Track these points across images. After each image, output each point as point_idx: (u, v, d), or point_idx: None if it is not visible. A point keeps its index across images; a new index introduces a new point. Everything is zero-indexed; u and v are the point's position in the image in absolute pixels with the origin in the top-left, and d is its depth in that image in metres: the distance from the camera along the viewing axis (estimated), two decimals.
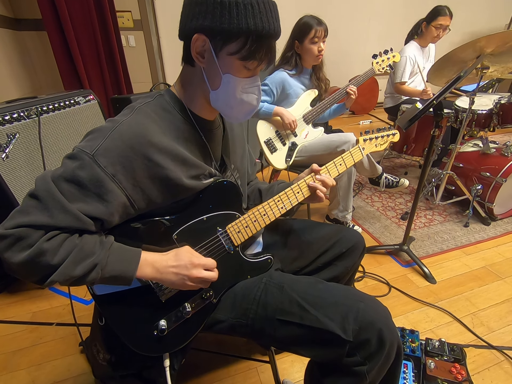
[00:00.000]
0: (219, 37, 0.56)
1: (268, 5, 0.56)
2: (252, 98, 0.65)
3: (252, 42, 0.56)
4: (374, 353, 0.63)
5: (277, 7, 0.59)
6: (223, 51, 0.58)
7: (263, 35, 0.56)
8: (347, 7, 3.90)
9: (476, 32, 4.48)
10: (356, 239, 0.92)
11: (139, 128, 0.59)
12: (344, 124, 3.96)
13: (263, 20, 0.55)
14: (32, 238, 0.52)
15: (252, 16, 0.54)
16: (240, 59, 0.58)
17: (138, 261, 0.61)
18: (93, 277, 0.57)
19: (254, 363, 1.12)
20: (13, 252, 0.52)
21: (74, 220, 0.55)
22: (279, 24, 0.59)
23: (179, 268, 0.63)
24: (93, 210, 0.56)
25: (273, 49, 0.61)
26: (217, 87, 0.62)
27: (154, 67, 3.21)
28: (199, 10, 0.55)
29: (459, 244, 1.76)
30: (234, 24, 0.54)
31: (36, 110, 1.26)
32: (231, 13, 0.53)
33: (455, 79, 1.25)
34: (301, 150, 1.63)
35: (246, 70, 0.60)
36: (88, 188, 0.55)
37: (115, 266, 0.59)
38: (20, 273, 0.55)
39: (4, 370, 1.11)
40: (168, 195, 0.64)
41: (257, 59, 0.59)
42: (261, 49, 0.58)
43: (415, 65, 2.28)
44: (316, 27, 1.48)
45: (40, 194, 0.53)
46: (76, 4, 2.23)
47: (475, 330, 1.23)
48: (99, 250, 0.57)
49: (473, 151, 2.04)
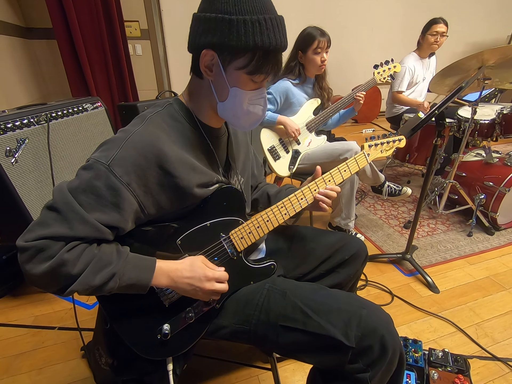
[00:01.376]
0: (227, 53, 0.58)
1: (275, 20, 0.57)
2: (258, 109, 0.67)
3: (259, 57, 0.58)
4: (377, 360, 0.63)
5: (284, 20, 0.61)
6: (230, 66, 0.59)
7: (270, 51, 0.58)
8: (350, 18, 3.97)
9: (478, 43, 4.53)
10: (358, 247, 0.92)
11: (150, 137, 0.60)
12: (347, 133, 3.99)
13: (270, 37, 0.56)
14: (53, 249, 0.53)
15: (259, 33, 0.55)
16: (247, 74, 0.60)
17: (154, 270, 0.62)
18: (111, 286, 0.58)
19: (256, 370, 1.11)
20: (34, 264, 0.53)
21: (93, 231, 0.56)
22: (286, 38, 0.60)
23: (193, 280, 0.65)
24: (110, 219, 0.58)
25: (280, 62, 0.62)
26: (224, 99, 0.63)
27: (160, 75, 3.27)
28: (208, 27, 0.57)
29: (463, 253, 1.74)
30: (241, 41, 0.56)
31: (46, 116, 1.29)
32: (239, 31, 0.55)
33: (456, 89, 1.27)
34: (304, 158, 1.65)
35: (252, 83, 0.62)
36: (105, 197, 0.57)
37: (131, 275, 0.60)
38: (40, 284, 0.56)
39: (5, 373, 1.11)
40: (177, 202, 0.66)
41: (264, 73, 0.61)
42: (268, 64, 0.60)
43: (414, 75, 2.32)
44: (319, 38, 1.51)
45: (59, 206, 0.54)
46: (85, 13, 2.30)
47: (479, 341, 1.22)
48: (116, 260, 0.59)
49: (476, 160, 2.04)
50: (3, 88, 2.05)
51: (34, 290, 1.47)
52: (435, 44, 2.25)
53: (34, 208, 1.24)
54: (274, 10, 0.59)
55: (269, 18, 0.56)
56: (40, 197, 1.27)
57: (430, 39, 2.23)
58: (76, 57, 2.34)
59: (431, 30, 2.21)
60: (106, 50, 2.46)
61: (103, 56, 2.47)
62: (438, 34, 2.20)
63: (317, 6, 3.76)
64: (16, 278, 1.49)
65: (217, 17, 0.55)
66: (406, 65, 2.28)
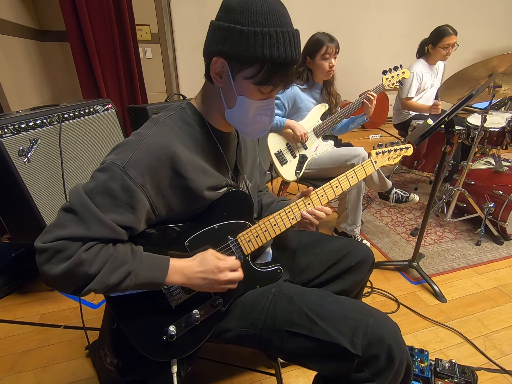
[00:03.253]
0: (236, 62, 0.59)
1: (287, 34, 0.57)
2: (265, 119, 0.67)
3: (267, 69, 0.58)
4: (383, 369, 0.62)
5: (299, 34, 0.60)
6: (239, 75, 0.60)
7: (279, 64, 0.58)
8: (359, 25, 3.98)
9: (488, 51, 4.50)
10: (365, 253, 0.92)
11: (163, 140, 0.62)
12: (353, 138, 3.98)
13: (280, 50, 0.56)
14: (71, 250, 0.54)
15: (268, 45, 0.56)
16: (255, 84, 0.60)
17: (168, 268, 0.63)
18: (127, 284, 0.59)
19: (259, 375, 1.11)
20: (51, 265, 0.54)
21: (109, 231, 0.57)
22: (298, 52, 0.59)
23: (206, 273, 0.66)
24: (125, 220, 0.59)
25: (290, 75, 0.62)
26: (232, 106, 0.64)
27: (169, 78, 3.31)
28: (221, 36, 0.58)
29: (471, 262, 1.72)
30: (250, 52, 0.56)
31: (58, 117, 1.31)
32: (249, 41, 0.56)
33: (466, 97, 1.26)
34: (311, 163, 1.65)
35: (260, 93, 0.62)
36: (120, 198, 0.58)
37: (146, 273, 0.61)
38: (58, 284, 0.57)
39: (11, 370, 1.12)
40: (187, 204, 0.67)
41: (272, 85, 0.61)
42: (276, 76, 0.59)
43: (422, 82, 2.31)
44: (328, 44, 1.52)
45: (76, 208, 0.56)
46: (98, 16, 2.35)
47: (487, 352, 1.19)
48: (131, 259, 0.60)
49: (485, 168, 2.02)
50: (17, 89, 2.10)
51: (41, 288, 1.49)
52: (447, 56, 2.23)
53: (44, 207, 1.26)
54: (290, 24, 0.59)
55: (281, 32, 0.56)
56: (51, 196, 1.29)
57: (442, 52, 2.20)
58: (88, 59, 2.39)
59: (443, 43, 2.16)
60: (117, 53, 2.50)
61: (114, 59, 2.51)
62: (450, 46, 2.17)
63: (326, 13, 3.78)
64: (24, 275, 1.51)
65: (229, 27, 0.56)
66: (414, 71, 2.27)
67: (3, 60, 1.98)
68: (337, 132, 1.83)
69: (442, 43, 2.17)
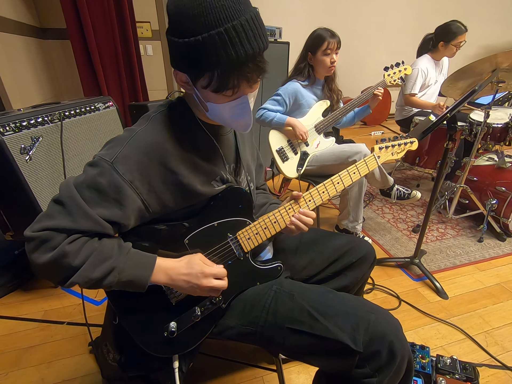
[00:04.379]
0: (190, 74, 0.58)
1: (233, 30, 0.50)
2: (243, 117, 0.64)
3: (218, 76, 0.54)
4: (384, 365, 0.62)
5: (262, 21, 0.54)
6: (197, 84, 0.59)
7: (229, 67, 0.53)
8: (361, 20, 3.95)
9: (491, 46, 4.45)
10: (366, 250, 0.91)
11: (154, 136, 0.62)
12: (355, 135, 3.96)
13: (223, 53, 0.51)
14: (56, 240, 0.55)
15: (209, 53, 0.51)
16: (213, 92, 0.57)
17: (153, 267, 0.63)
18: (111, 280, 0.59)
19: (260, 371, 1.11)
20: (39, 254, 0.55)
21: (94, 225, 0.57)
22: (254, 43, 0.52)
23: (190, 277, 0.65)
24: (112, 215, 0.59)
25: (251, 70, 0.55)
26: (207, 110, 0.64)
27: (169, 76, 3.30)
28: (170, 49, 0.57)
29: (473, 259, 1.71)
30: (195, 63, 0.54)
31: (59, 115, 1.32)
32: (190, 53, 0.53)
33: (469, 92, 1.25)
34: (312, 159, 1.64)
35: (225, 97, 0.59)
36: (108, 194, 0.58)
37: (131, 271, 0.61)
38: (44, 273, 0.58)
39: (16, 366, 1.14)
40: (181, 200, 0.66)
41: (231, 88, 0.56)
42: (232, 78, 0.55)
43: (426, 78, 2.28)
44: (329, 39, 1.51)
45: (64, 200, 0.56)
46: (99, 14, 2.34)
47: (489, 349, 1.19)
48: (117, 254, 0.60)
49: (488, 165, 2.01)
50: (18, 87, 2.10)
51: (44, 285, 1.50)
52: (455, 54, 2.21)
53: (46, 205, 1.25)
54: (235, 13, 0.50)
55: (220, 32, 0.50)
56: (52, 193, 1.29)
57: (453, 49, 2.16)
58: (88, 57, 2.38)
59: (457, 41, 2.12)
60: (118, 51, 2.49)
61: (114, 57, 2.50)
62: (461, 44, 2.14)
63: (328, 8, 3.75)
64: (28, 272, 1.53)
65: (170, 40, 0.55)
66: (419, 67, 2.25)
67: (4, 58, 1.98)
68: (342, 126, 1.82)
69: (456, 41, 2.12)
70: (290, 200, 0.78)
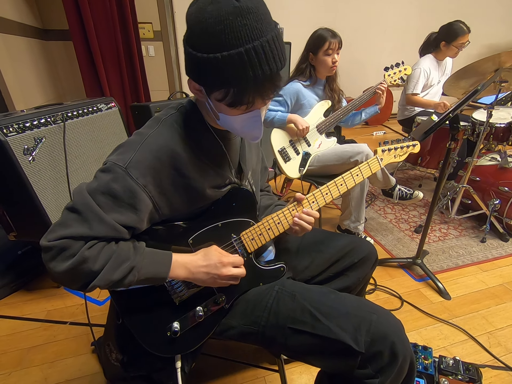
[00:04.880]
0: (205, 86, 0.58)
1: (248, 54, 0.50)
2: (253, 130, 0.64)
3: (233, 93, 0.55)
4: (386, 366, 0.62)
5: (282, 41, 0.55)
6: (212, 96, 0.59)
7: (245, 85, 0.54)
8: (362, 19, 3.94)
9: (494, 45, 4.43)
10: (368, 250, 0.91)
11: (164, 140, 0.62)
12: (357, 135, 3.95)
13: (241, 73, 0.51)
14: (74, 248, 0.55)
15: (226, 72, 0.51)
16: (227, 106, 0.57)
17: (170, 262, 0.64)
18: (130, 280, 0.60)
19: (262, 371, 1.12)
20: (57, 262, 0.55)
21: (111, 230, 0.58)
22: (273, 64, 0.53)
23: (209, 268, 0.66)
24: (127, 219, 0.60)
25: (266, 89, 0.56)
26: (218, 119, 0.64)
27: (171, 76, 3.31)
28: (186, 59, 0.57)
29: (475, 260, 1.71)
30: (213, 78, 0.54)
31: (62, 116, 1.32)
32: (209, 68, 0.53)
33: (472, 92, 1.24)
34: (314, 160, 1.64)
35: (238, 110, 0.59)
36: (122, 199, 0.58)
37: (149, 268, 0.62)
38: (64, 281, 0.59)
39: (19, 365, 1.14)
40: (189, 203, 0.67)
41: (245, 104, 0.57)
42: (247, 95, 0.55)
43: (429, 78, 2.28)
44: (330, 39, 1.51)
45: (79, 208, 0.57)
46: (101, 15, 2.35)
47: (492, 350, 1.19)
48: (134, 255, 0.61)
49: (490, 165, 2.00)
50: (21, 88, 2.11)
51: (47, 285, 1.51)
52: (457, 54, 2.20)
53: (49, 205, 1.27)
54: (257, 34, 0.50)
55: (236, 54, 0.50)
56: (55, 194, 1.30)
57: (454, 50, 2.16)
58: (91, 58, 2.40)
59: (458, 42, 2.11)
60: (120, 52, 2.50)
61: (116, 57, 2.51)
62: (463, 45, 2.13)
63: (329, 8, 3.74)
64: (31, 272, 1.53)
65: (189, 52, 0.55)
66: (421, 67, 2.24)
67: (7, 59, 2.00)
68: (349, 125, 1.82)
69: (457, 42, 2.12)
70: (294, 202, 0.78)
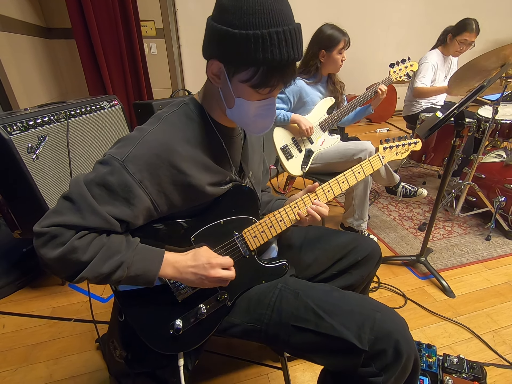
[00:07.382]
0: (231, 65, 0.58)
1: (284, 34, 0.53)
2: (265, 118, 0.66)
3: (262, 72, 0.56)
4: (390, 364, 0.62)
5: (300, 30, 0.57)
6: (235, 78, 0.59)
7: (274, 66, 0.56)
8: (366, 15, 3.90)
9: (500, 41, 4.36)
10: (372, 248, 0.91)
11: (164, 137, 0.62)
12: (360, 132, 3.93)
13: (274, 52, 0.54)
14: (65, 236, 0.56)
15: (262, 49, 0.53)
16: (251, 87, 0.59)
17: (161, 261, 0.63)
18: (119, 275, 0.60)
19: (265, 369, 1.12)
20: (48, 249, 0.56)
21: (103, 222, 0.58)
22: (297, 50, 0.56)
23: (197, 268, 0.65)
24: (120, 213, 0.59)
25: (289, 75, 0.59)
26: (232, 106, 0.64)
27: (174, 74, 3.31)
28: (215, 38, 0.57)
29: (480, 257, 1.69)
30: (244, 56, 0.54)
31: (65, 114, 1.33)
32: (242, 45, 0.53)
33: (477, 88, 1.22)
34: (317, 157, 1.64)
35: (258, 94, 0.61)
36: (117, 192, 0.58)
37: (139, 265, 0.61)
38: (53, 268, 0.58)
39: (25, 362, 1.15)
40: (189, 200, 0.67)
41: (269, 86, 0.59)
42: (273, 78, 0.58)
43: (436, 72, 2.25)
44: (344, 38, 1.51)
45: (74, 197, 0.57)
46: (103, 14, 2.35)
47: (497, 348, 1.18)
48: (125, 249, 0.61)
49: (496, 162, 1.97)
50: (25, 86, 2.12)
51: (52, 282, 1.52)
52: (458, 52, 2.17)
53: (53, 203, 1.27)
54: (288, 20, 0.55)
55: (275, 32, 0.53)
56: (59, 192, 1.31)
57: (456, 46, 2.13)
58: (93, 56, 2.40)
59: (461, 37, 2.07)
60: (123, 50, 2.50)
61: (119, 56, 2.51)
62: (466, 43, 2.09)
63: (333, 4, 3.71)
64: (35, 270, 1.55)
65: (222, 29, 0.54)
66: (429, 61, 2.22)
67: (11, 58, 2.00)
68: (342, 124, 1.82)
69: (460, 37, 2.08)
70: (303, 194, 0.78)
